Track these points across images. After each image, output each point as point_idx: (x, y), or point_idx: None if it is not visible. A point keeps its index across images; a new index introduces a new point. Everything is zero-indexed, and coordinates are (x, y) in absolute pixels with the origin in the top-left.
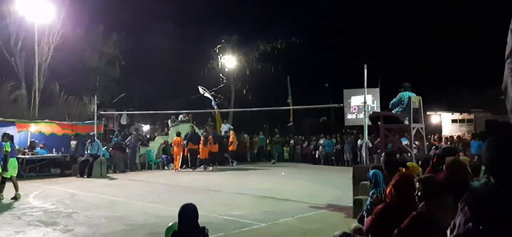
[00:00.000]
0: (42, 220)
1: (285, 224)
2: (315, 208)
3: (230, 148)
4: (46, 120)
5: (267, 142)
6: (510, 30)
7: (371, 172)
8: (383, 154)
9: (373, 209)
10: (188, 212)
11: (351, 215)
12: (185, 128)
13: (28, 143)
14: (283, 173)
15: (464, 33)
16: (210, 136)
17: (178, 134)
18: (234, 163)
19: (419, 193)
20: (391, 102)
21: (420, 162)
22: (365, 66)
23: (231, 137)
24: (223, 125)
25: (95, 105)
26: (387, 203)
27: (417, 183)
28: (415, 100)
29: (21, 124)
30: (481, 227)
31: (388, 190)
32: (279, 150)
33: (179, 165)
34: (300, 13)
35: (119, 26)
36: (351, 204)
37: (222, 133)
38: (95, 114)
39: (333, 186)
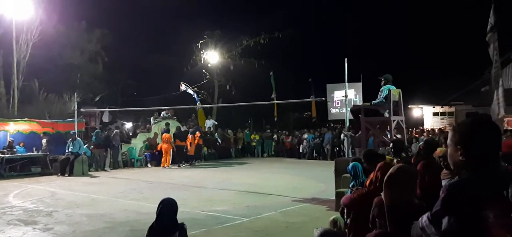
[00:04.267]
0: (22, 219)
1: (268, 218)
2: (298, 201)
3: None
4: (26, 119)
5: (252, 137)
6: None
7: (351, 164)
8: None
9: None
10: (166, 207)
11: (334, 207)
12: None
13: (7, 143)
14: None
15: (445, 26)
16: (198, 132)
17: (167, 131)
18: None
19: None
20: (373, 102)
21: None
22: (346, 60)
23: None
24: (207, 121)
25: (75, 102)
26: (369, 190)
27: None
28: (395, 93)
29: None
30: (454, 217)
31: (368, 181)
32: (269, 144)
33: (170, 162)
34: (283, 8)
35: (100, 22)
36: (334, 197)
37: (206, 129)
38: (76, 112)
39: (316, 179)
